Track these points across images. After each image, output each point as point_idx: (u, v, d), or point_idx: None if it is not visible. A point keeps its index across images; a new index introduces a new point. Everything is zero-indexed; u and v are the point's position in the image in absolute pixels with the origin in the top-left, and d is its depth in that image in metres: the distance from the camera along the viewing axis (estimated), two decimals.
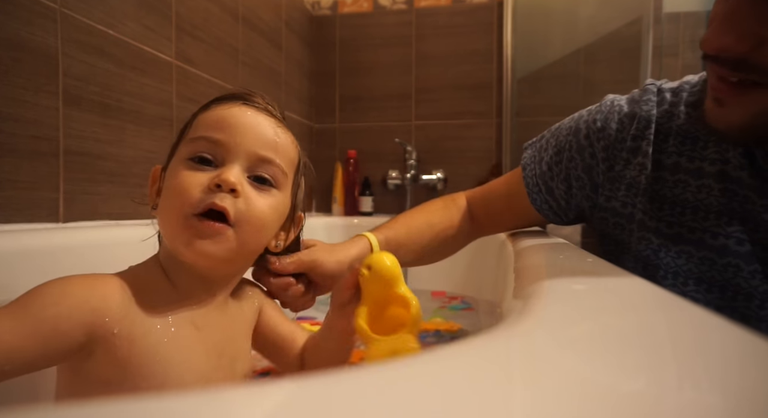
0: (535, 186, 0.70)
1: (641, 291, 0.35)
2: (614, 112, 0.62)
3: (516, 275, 0.49)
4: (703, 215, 0.54)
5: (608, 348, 0.22)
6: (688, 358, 0.21)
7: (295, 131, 0.52)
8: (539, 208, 0.71)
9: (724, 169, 0.53)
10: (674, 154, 0.56)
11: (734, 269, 0.52)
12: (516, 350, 0.22)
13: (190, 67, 1.21)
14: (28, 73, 0.78)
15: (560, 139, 0.67)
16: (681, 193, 0.55)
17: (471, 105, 1.91)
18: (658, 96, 0.60)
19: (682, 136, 0.56)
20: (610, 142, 0.61)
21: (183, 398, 0.15)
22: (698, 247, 0.54)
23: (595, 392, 0.17)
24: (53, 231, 0.74)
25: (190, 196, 0.42)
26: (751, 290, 0.51)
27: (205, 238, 0.42)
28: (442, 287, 1.59)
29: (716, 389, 0.17)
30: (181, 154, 0.45)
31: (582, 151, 0.64)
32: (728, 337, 0.23)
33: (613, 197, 0.62)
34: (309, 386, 0.17)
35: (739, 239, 0.51)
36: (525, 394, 0.17)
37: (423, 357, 0.20)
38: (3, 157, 0.74)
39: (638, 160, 0.58)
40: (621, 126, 0.60)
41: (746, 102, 0.43)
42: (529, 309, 0.28)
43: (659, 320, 0.28)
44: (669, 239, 0.56)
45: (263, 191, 0.45)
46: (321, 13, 2.03)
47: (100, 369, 0.41)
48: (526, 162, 0.73)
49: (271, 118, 0.47)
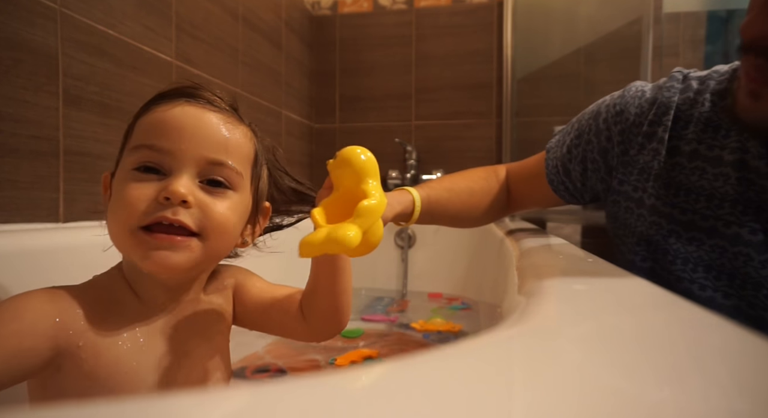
0: (554, 168, 0.72)
1: (641, 291, 0.35)
2: (636, 97, 0.63)
3: (516, 276, 0.49)
4: (717, 203, 0.54)
5: (608, 348, 0.22)
6: (688, 358, 0.21)
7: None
8: (556, 188, 0.73)
9: (743, 158, 0.53)
10: (694, 142, 0.57)
11: (745, 257, 0.52)
12: (516, 350, 0.22)
13: (190, 67, 1.21)
14: (28, 73, 0.78)
15: (582, 123, 0.69)
16: (697, 180, 0.56)
17: (471, 105, 1.91)
18: (683, 83, 0.60)
19: (703, 124, 0.56)
20: (627, 126, 0.62)
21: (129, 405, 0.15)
22: (710, 234, 0.54)
23: (595, 392, 0.17)
24: (53, 231, 0.74)
25: (135, 210, 0.39)
26: (760, 279, 0.51)
27: (162, 249, 0.40)
28: (442, 288, 1.59)
29: (716, 388, 0.17)
30: (126, 163, 0.42)
31: (599, 134, 0.65)
32: (728, 337, 0.23)
33: (625, 181, 0.63)
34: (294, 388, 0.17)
35: (752, 229, 0.51)
36: (525, 394, 0.17)
37: (422, 358, 0.20)
38: (3, 157, 0.74)
39: (653, 146, 0.59)
40: (640, 110, 0.61)
41: None
42: (529, 309, 0.28)
43: (659, 320, 0.28)
44: (681, 225, 0.56)
45: (219, 195, 0.43)
46: (321, 13, 2.03)
47: (69, 383, 0.39)
48: (550, 145, 0.74)
49: (218, 114, 0.44)
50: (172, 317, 0.46)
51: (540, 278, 0.39)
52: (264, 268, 0.60)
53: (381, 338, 1.06)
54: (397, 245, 1.66)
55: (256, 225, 0.50)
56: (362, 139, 2.00)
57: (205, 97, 0.45)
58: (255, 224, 0.50)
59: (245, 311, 0.53)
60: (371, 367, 0.18)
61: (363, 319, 1.21)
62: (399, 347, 1.01)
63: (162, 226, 0.40)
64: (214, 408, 0.15)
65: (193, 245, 0.41)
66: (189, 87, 0.45)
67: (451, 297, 1.53)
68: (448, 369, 0.19)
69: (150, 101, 0.45)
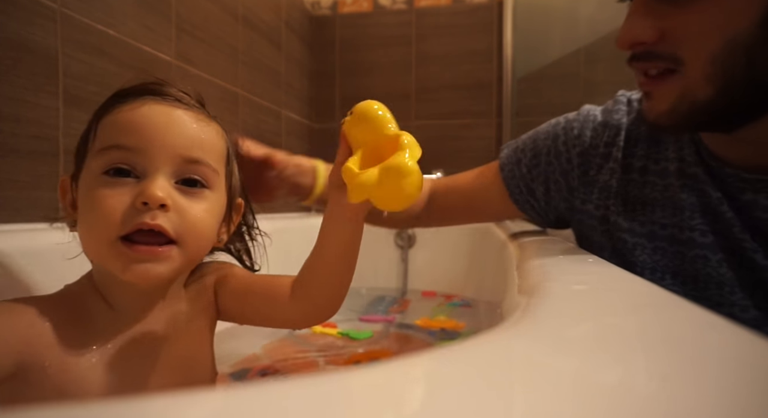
0: (516, 188, 0.74)
1: (641, 291, 0.35)
2: (589, 121, 0.67)
3: (516, 275, 0.49)
4: (671, 212, 0.58)
5: (609, 348, 0.22)
6: (688, 358, 0.20)
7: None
8: (522, 208, 0.75)
9: (680, 166, 0.57)
10: (643, 158, 0.61)
11: (702, 259, 0.55)
12: (516, 350, 0.22)
13: (190, 67, 1.21)
14: (28, 73, 0.78)
15: (538, 143, 0.71)
16: (650, 192, 0.60)
17: (471, 105, 1.91)
18: (628, 106, 0.65)
19: (649, 141, 0.61)
20: (585, 148, 0.66)
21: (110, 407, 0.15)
22: (670, 242, 0.58)
23: (595, 392, 0.17)
24: (53, 231, 0.73)
25: (112, 220, 0.37)
26: (720, 278, 0.54)
27: (143, 261, 0.38)
28: (442, 287, 1.59)
29: (718, 388, 0.17)
30: (93, 168, 0.39)
31: (559, 156, 0.68)
32: (728, 336, 0.23)
33: (587, 200, 0.66)
34: (294, 388, 0.17)
35: (702, 231, 0.55)
36: (525, 395, 0.17)
37: (422, 358, 0.20)
38: (3, 157, 0.74)
39: (609, 165, 0.63)
40: (595, 133, 0.65)
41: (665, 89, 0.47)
42: (529, 309, 0.28)
43: (659, 320, 0.27)
44: (644, 237, 0.60)
45: (195, 196, 0.41)
46: (321, 13, 2.03)
47: (37, 397, 0.38)
48: (503, 162, 0.76)
49: (188, 112, 0.42)
50: (147, 323, 0.44)
51: (540, 278, 0.39)
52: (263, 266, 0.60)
53: (382, 339, 1.06)
54: (397, 245, 1.66)
55: (230, 223, 0.49)
56: None
57: (172, 94, 0.42)
58: (229, 222, 0.49)
59: (229, 303, 0.50)
60: (370, 367, 0.18)
61: (360, 320, 1.21)
62: (400, 346, 1.01)
63: (140, 232, 0.38)
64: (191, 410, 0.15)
65: (174, 253, 0.39)
66: (153, 84, 0.42)
67: (445, 295, 1.54)
68: (448, 369, 0.19)
69: (111, 99, 0.42)
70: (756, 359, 0.20)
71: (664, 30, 0.45)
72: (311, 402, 0.16)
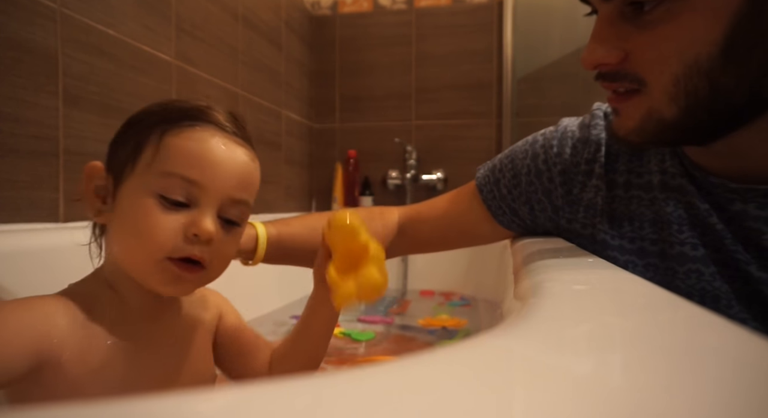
0: (498, 209, 0.71)
1: (641, 291, 0.35)
2: (567, 138, 0.65)
3: (516, 276, 0.49)
4: (660, 226, 0.56)
5: (609, 349, 0.22)
6: (689, 358, 0.21)
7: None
8: (509, 227, 0.72)
9: (663, 179, 0.56)
10: (625, 173, 0.60)
11: (696, 273, 0.54)
12: (516, 351, 0.22)
13: (190, 67, 1.21)
14: (28, 73, 0.78)
15: (516, 162, 0.69)
16: (636, 208, 0.58)
17: (471, 105, 1.91)
18: (605, 120, 0.63)
19: (629, 155, 0.60)
20: (566, 166, 0.64)
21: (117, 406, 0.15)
22: (661, 258, 0.56)
23: (595, 392, 0.17)
24: (53, 231, 0.74)
25: (165, 243, 0.40)
26: (715, 291, 0.53)
27: (186, 281, 0.42)
28: (442, 287, 1.59)
29: (718, 388, 0.17)
30: (151, 185, 0.41)
31: (540, 175, 0.66)
32: (729, 336, 0.23)
33: (573, 220, 0.64)
34: (294, 388, 0.17)
35: (693, 244, 0.53)
36: (525, 395, 0.17)
37: (422, 358, 0.20)
38: (3, 157, 0.74)
39: (593, 183, 0.61)
40: (575, 150, 0.64)
41: (632, 107, 0.47)
42: (529, 310, 0.28)
43: (660, 320, 0.28)
44: (634, 254, 0.58)
45: (232, 233, 0.45)
46: (321, 12, 2.03)
47: (51, 393, 0.39)
48: (480, 183, 0.72)
49: (245, 150, 0.45)
50: (158, 321, 0.46)
51: (540, 278, 0.39)
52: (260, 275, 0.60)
53: (383, 340, 1.06)
54: None
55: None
56: (362, 139, 2.00)
57: (232, 127, 0.45)
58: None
59: (218, 340, 0.54)
60: (370, 367, 0.18)
61: (359, 320, 1.21)
62: (400, 347, 1.01)
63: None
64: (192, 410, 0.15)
65: (203, 276, 0.43)
66: (216, 115, 0.45)
67: (444, 293, 1.54)
68: (448, 369, 0.19)
69: (176, 118, 0.43)
70: (755, 359, 0.20)
71: (628, 51, 0.45)
72: (311, 402, 0.16)
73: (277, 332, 1.08)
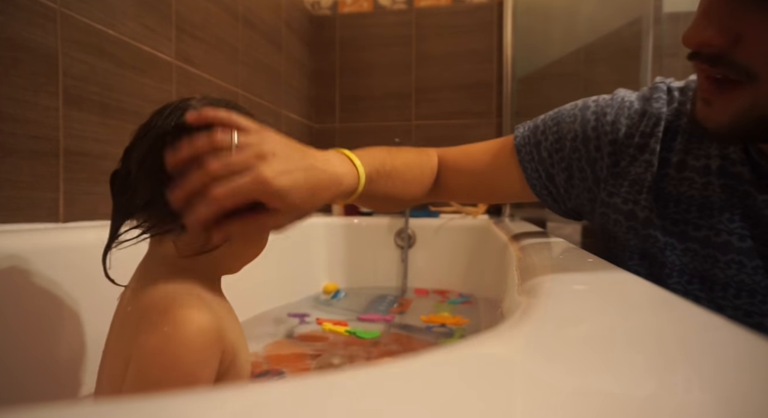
0: (534, 172, 0.68)
1: (641, 291, 0.35)
2: (625, 108, 0.61)
3: (516, 275, 0.49)
4: (708, 212, 0.54)
5: (609, 349, 0.22)
6: (689, 358, 0.21)
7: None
8: (539, 193, 0.70)
9: (723, 165, 0.53)
10: (681, 152, 0.56)
11: (737, 265, 0.51)
12: (516, 350, 0.22)
13: (190, 67, 1.21)
14: (28, 73, 0.78)
15: (562, 125, 0.65)
16: (687, 190, 0.55)
17: (471, 105, 1.91)
18: (668, 95, 0.60)
19: (689, 134, 0.56)
20: (619, 137, 0.60)
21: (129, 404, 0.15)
22: (703, 244, 0.54)
23: (595, 392, 0.17)
24: (53, 231, 0.73)
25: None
26: (754, 285, 0.51)
27: None
28: (442, 287, 1.59)
29: (718, 389, 0.17)
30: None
31: (587, 142, 0.63)
32: (729, 337, 0.23)
33: (615, 193, 0.61)
34: (295, 388, 0.17)
35: (741, 235, 0.51)
36: (524, 395, 0.17)
37: (422, 358, 0.20)
38: (3, 157, 0.74)
39: (645, 157, 0.58)
40: (631, 122, 0.60)
41: (730, 101, 0.43)
42: (529, 309, 0.28)
43: (660, 320, 0.28)
44: (675, 237, 0.56)
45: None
46: (321, 13, 2.03)
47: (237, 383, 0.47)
48: (519, 143, 0.70)
49: None
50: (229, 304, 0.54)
51: (540, 278, 0.39)
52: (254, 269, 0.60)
53: (384, 339, 1.06)
54: (397, 245, 1.66)
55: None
56: (362, 139, 2.00)
57: None
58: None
59: None
60: (370, 368, 0.18)
61: (359, 319, 1.22)
62: (401, 347, 1.01)
63: None
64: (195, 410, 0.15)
65: None
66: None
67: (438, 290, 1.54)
68: (447, 369, 0.19)
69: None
70: (755, 360, 0.20)
71: (740, 35, 0.40)
72: (311, 402, 0.16)
73: (276, 330, 1.08)
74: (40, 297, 0.61)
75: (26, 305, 0.60)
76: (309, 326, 1.13)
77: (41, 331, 0.61)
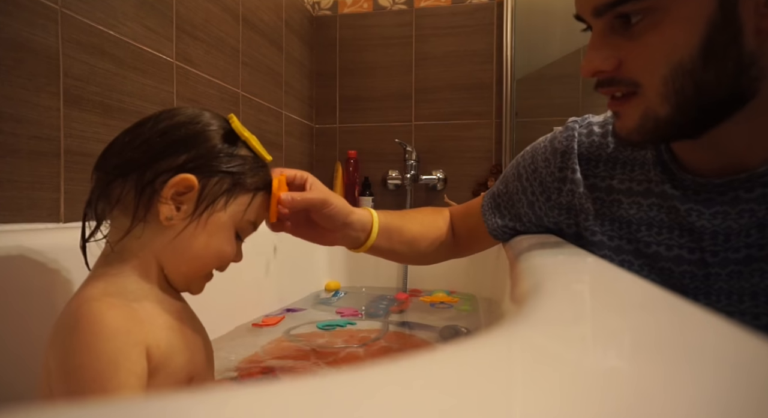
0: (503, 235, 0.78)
1: (641, 291, 0.35)
2: (539, 153, 0.72)
3: (516, 275, 0.49)
4: (656, 231, 0.60)
5: (608, 348, 0.22)
6: (689, 358, 0.21)
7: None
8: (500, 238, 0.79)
9: (648, 187, 0.61)
10: (606, 178, 0.65)
11: (690, 275, 0.58)
12: (516, 350, 0.22)
13: (190, 67, 1.21)
14: (28, 74, 0.78)
15: (509, 187, 0.76)
16: (617, 210, 0.64)
17: (471, 105, 1.91)
18: (586, 128, 0.69)
19: (612, 162, 0.65)
20: (542, 178, 0.70)
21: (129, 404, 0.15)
22: (636, 255, 0.61)
23: (595, 392, 0.17)
24: (54, 231, 0.74)
25: (224, 264, 0.54)
26: (729, 288, 0.56)
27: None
28: (443, 287, 1.59)
29: (718, 389, 0.17)
30: (236, 220, 0.53)
31: (525, 191, 0.73)
32: (729, 337, 0.23)
33: (558, 222, 0.70)
34: (295, 388, 0.17)
35: (690, 249, 0.57)
36: (525, 395, 0.17)
37: (421, 358, 0.20)
38: (3, 157, 0.74)
39: (568, 188, 0.67)
40: (546, 162, 0.70)
41: (631, 108, 0.52)
42: (528, 309, 0.28)
43: (659, 320, 0.28)
44: (612, 250, 0.63)
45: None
46: (321, 13, 2.03)
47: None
48: (485, 213, 0.79)
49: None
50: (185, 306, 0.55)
51: (539, 278, 0.39)
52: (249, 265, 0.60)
53: (383, 338, 1.06)
54: None
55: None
56: (362, 139, 2.00)
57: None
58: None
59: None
60: (370, 368, 0.19)
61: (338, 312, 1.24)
62: (400, 345, 1.01)
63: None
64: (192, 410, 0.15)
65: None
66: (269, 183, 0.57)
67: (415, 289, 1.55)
68: (447, 369, 0.19)
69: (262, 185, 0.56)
70: (754, 359, 0.20)
71: (621, 59, 0.50)
72: (311, 403, 0.16)
73: (276, 330, 1.08)
74: (41, 297, 0.62)
75: (26, 305, 0.60)
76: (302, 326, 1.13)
77: (41, 331, 0.61)
